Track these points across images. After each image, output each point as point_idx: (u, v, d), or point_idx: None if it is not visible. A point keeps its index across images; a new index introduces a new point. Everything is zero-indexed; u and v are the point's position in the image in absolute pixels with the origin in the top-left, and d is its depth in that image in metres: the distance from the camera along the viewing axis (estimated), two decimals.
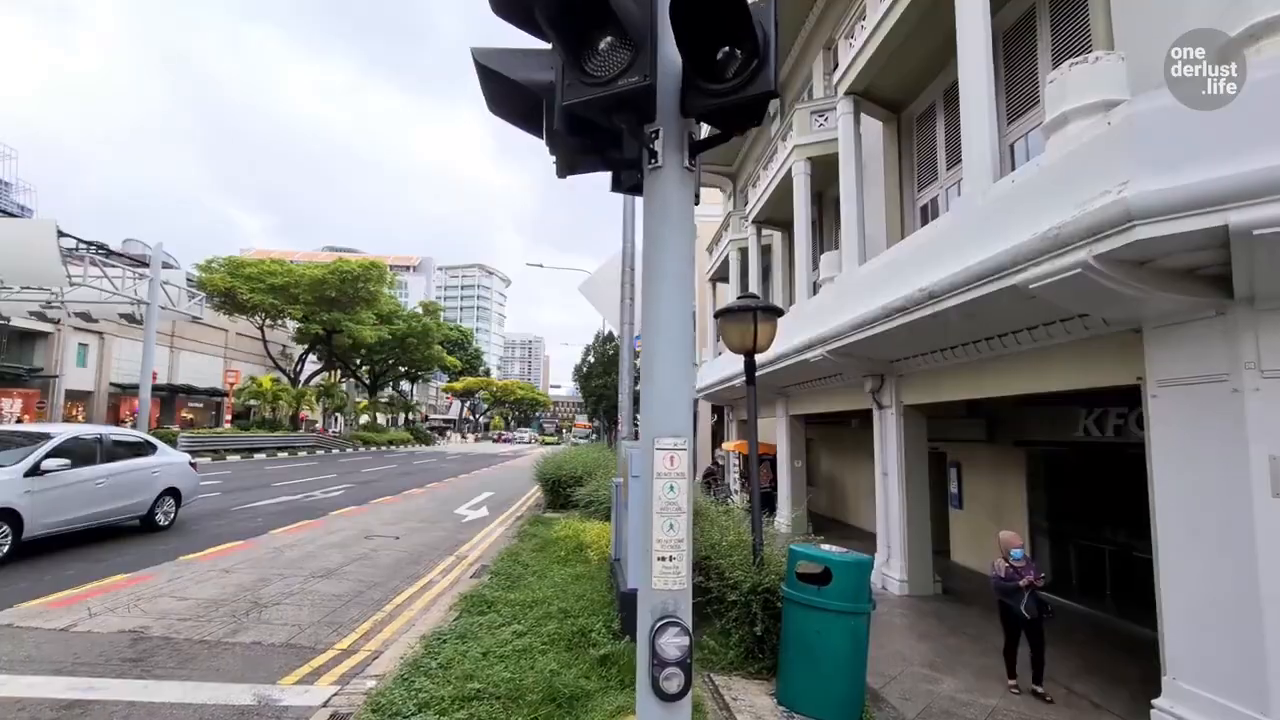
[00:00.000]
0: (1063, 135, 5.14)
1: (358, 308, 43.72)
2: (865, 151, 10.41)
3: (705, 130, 2.49)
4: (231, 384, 40.88)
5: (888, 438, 9.76)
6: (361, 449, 44.05)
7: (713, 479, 17.78)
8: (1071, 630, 7.70)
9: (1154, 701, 5.10)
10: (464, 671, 4.64)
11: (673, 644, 2.02)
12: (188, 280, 32.89)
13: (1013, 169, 7.11)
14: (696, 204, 2.31)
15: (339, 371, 52.93)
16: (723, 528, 7.10)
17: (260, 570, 8.45)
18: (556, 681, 4.53)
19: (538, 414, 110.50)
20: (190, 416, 41.57)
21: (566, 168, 2.20)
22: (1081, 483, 9.52)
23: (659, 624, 2.05)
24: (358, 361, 52.71)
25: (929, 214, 9.64)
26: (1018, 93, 7.71)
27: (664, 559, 2.11)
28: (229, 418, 40.63)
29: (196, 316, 29.72)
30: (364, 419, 57.63)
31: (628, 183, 2.35)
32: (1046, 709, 5.57)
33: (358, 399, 58.07)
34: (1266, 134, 3.83)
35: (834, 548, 5.24)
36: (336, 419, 56.00)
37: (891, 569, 9.43)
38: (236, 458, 30.32)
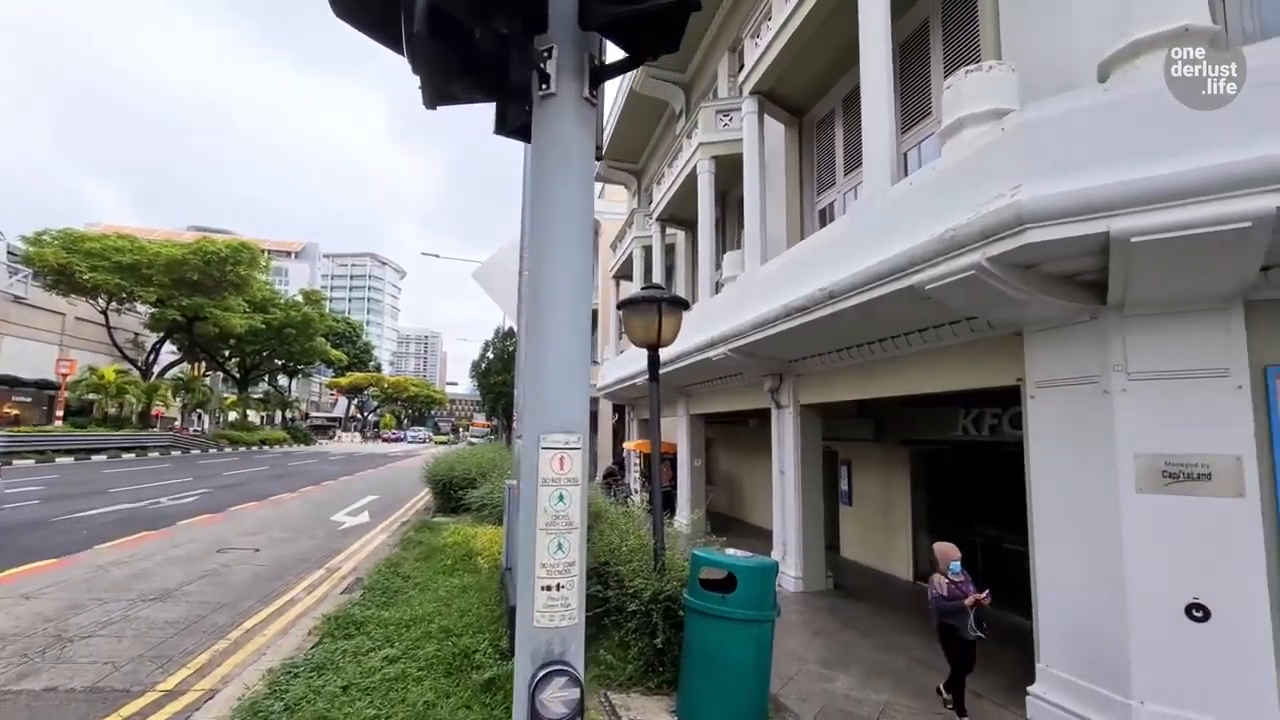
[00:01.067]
0: (958, 141, 5.24)
1: (225, 293, 39.59)
2: (768, 153, 10.48)
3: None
4: (64, 375, 35.55)
5: (785, 437, 9.87)
6: (228, 449, 39.96)
7: (613, 479, 17.49)
8: None
9: (1029, 689, 5.32)
10: (316, 713, 3.97)
11: (559, 700, 1.60)
12: (9, 254, 28.25)
13: (906, 176, 7.30)
14: (599, 158, 1.91)
15: (203, 364, 47.76)
16: (623, 531, 6.77)
17: (73, 594, 7.12)
18: (431, 716, 3.98)
19: (433, 412, 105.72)
20: (15, 412, 35.79)
21: (435, 94, 1.73)
22: (959, 480, 10.08)
23: (541, 673, 1.63)
24: (226, 353, 47.81)
25: (827, 217, 9.84)
26: (911, 103, 7.96)
27: (550, 588, 1.69)
28: (59, 414, 35.35)
29: (19, 296, 25.56)
30: (232, 416, 52.40)
31: (516, 122, 1.91)
32: (934, 700, 5.68)
33: (225, 394, 52.72)
34: (1143, 146, 4.00)
35: (738, 552, 5.04)
36: (199, 416, 50.51)
37: (787, 566, 9.53)
38: (69, 459, 26.41)
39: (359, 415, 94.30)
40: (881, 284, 5.71)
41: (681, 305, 5.78)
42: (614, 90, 19.79)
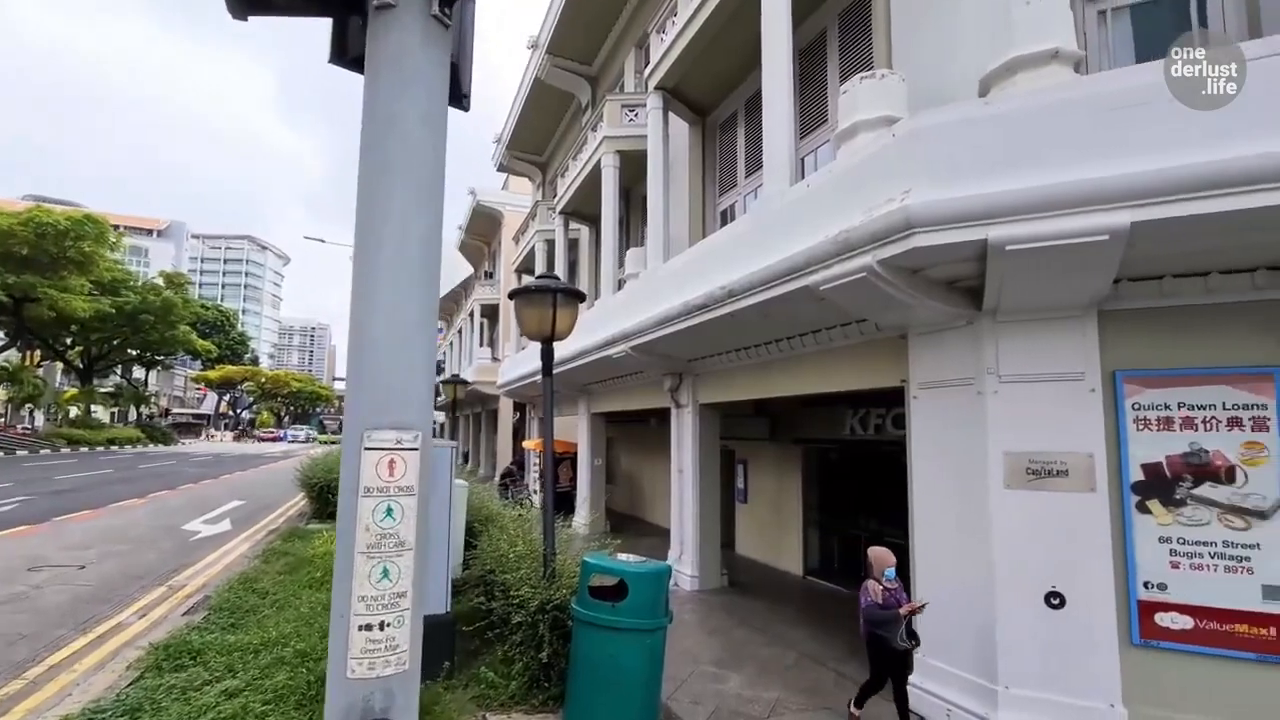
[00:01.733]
0: (852, 145, 5.34)
1: (65, 272, 34.74)
2: (673, 151, 10.44)
3: None
4: None
5: (684, 436, 9.86)
6: (66, 450, 35.07)
7: (511, 480, 16.92)
8: (838, 613, 8.34)
9: (909, 678, 5.52)
10: None
11: None
12: None
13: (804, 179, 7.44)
14: (465, 106, 1.61)
15: (36, 352, 41.72)
16: (513, 536, 6.42)
17: None
18: None
19: (319, 409, 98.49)
20: None
21: (246, 1, 1.37)
22: (845, 477, 10.51)
23: None
24: (67, 340, 42.02)
25: (729, 218, 9.93)
26: (810, 110, 8.15)
27: (370, 627, 1.36)
28: None
29: None
30: (74, 412, 46.17)
31: (357, 48, 1.55)
32: (826, 695, 5.78)
33: (66, 387, 46.38)
34: (1020, 159, 4.20)
35: (631, 557, 4.85)
36: (30, 412, 44.08)
37: (684, 565, 9.51)
38: None
39: (231, 412, 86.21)
40: (780, 283, 5.73)
41: (577, 297, 5.52)
42: (519, 79, 19.18)
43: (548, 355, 5.50)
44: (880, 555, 4.99)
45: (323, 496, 12.78)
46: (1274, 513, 4.29)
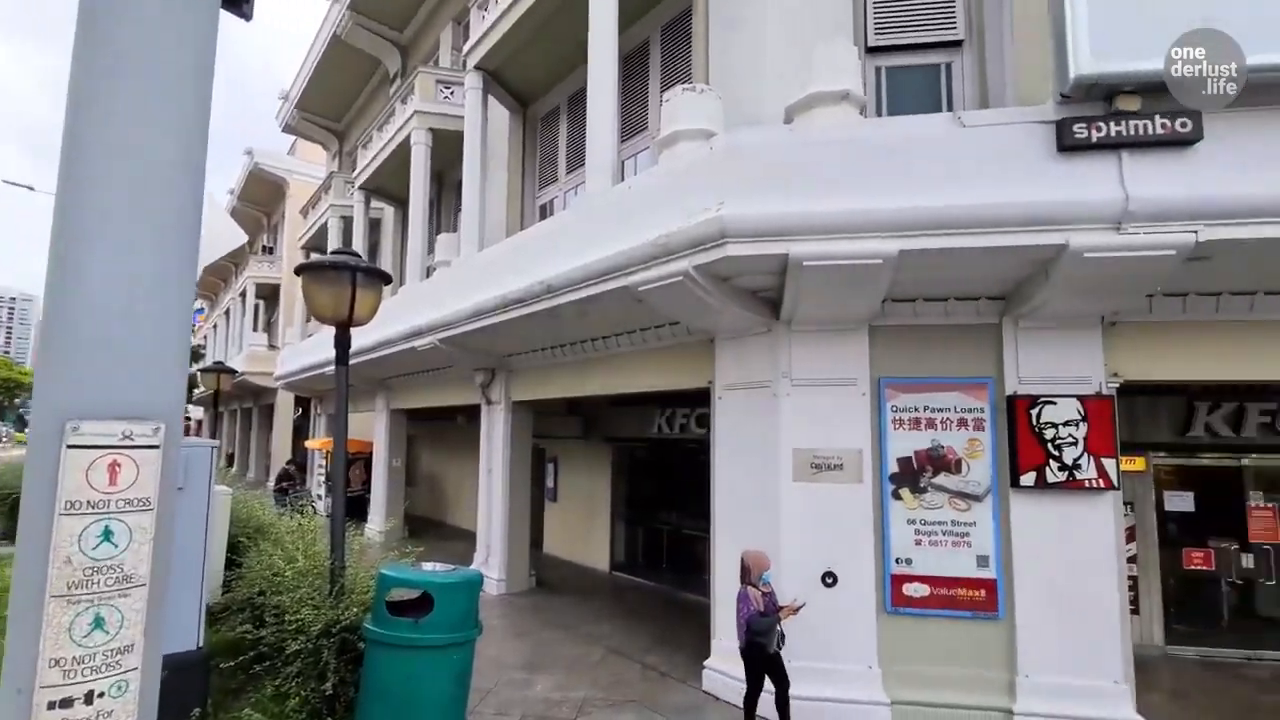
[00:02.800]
0: (673, 152, 5.50)
1: None
2: (492, 137, 9.98)
3: None
4: None
5: (495, 434, 9.49)
6: None
7: (289, 484, 14.92)
8: (642, 605, 8.62)
9: (705, 662, 5.86)
10: None
11: None
12: None
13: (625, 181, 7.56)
14: (246, 14, 1.25)
15: None
16: (291, 550, 5.58)
17: None
18: None
19: (19, 401, 78.26)
20: None
21: None
22: (651, 474, 10.96)
23: None
24: None
25: (548, 213, 9.75)
26: (630, 116, 8.30)
27: (70, 702, 0.96)
28: None
29: None
30: None
31: None
32: (632, 688, 5.88)
33: None
34: (818, 183, 4.65)
35: (437, 566, 4.47)
36: None
37: (491, 568, 9.14)
38: None
39: None
40: (600, 282, 5.72)
41: (382, 279, 4.96)
42: (314, 32, 16.98)
43: (343, 343, 4.86)
44: (758, 559, 4.76)
45: (13, 513, 10.04)
46: (986, 496, 5.29)
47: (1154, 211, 4.24)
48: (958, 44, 6.11)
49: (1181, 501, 7.22)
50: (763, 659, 4.62)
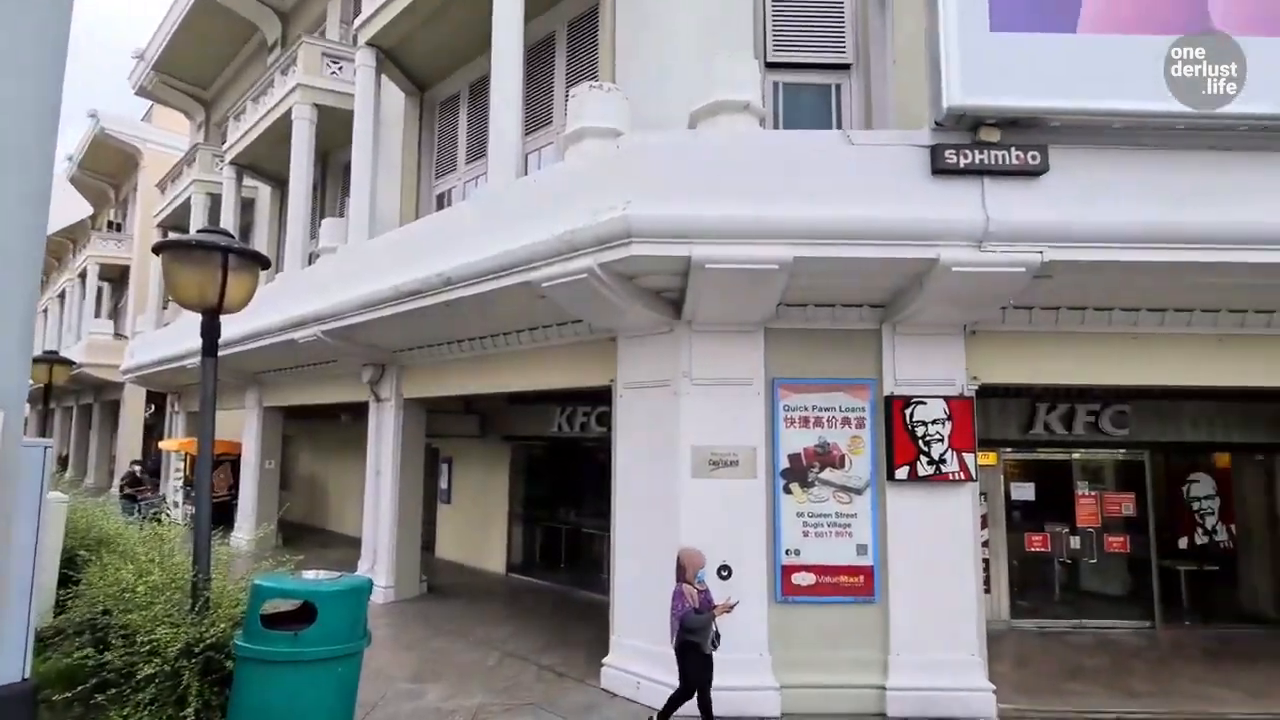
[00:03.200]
0: (580, 149, 5.47)
1: None
2: (385, 120, 9.45)
3: None
4: None
5: (384, 433, 8.99)
6: None
7: (137, 489, 13.33)
8: (540, 606, 8.51)
9: (604, 660, 5.87)
10: None
11: None
12: None
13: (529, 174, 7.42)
14: None
15: None
16: (143, 563, 4.97)
17: None
18: None
19: None
20: None
21: None
22: (550, 473, 10.85)
23: None
24: None
25: (446, 203, 9.38)
26: (535, 109, 8.15)
27: None
28: None
29: None
30: None
31: None
32: (528, 691, 5.77)
33: None
34: (721, 188, 4.79)
35: (321, 574, 4.16)
36: None
37: (378, 575, 8.63)
38: None
39: None
40: (501, 276, 5.57)
41: (259, 262, 4.54)
42: None
43: (212, 332, 4.39)
44: (693, 557, 4.69)
45: None
46: (866, 489, 5.69)
47: (1009, 233, 4.76)
48: (847, 67, 6.53)
49: (1024, 491, 8.15)
50: (697, 657, 4.55)
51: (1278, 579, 8.02)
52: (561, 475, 10.58)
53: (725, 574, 5.49)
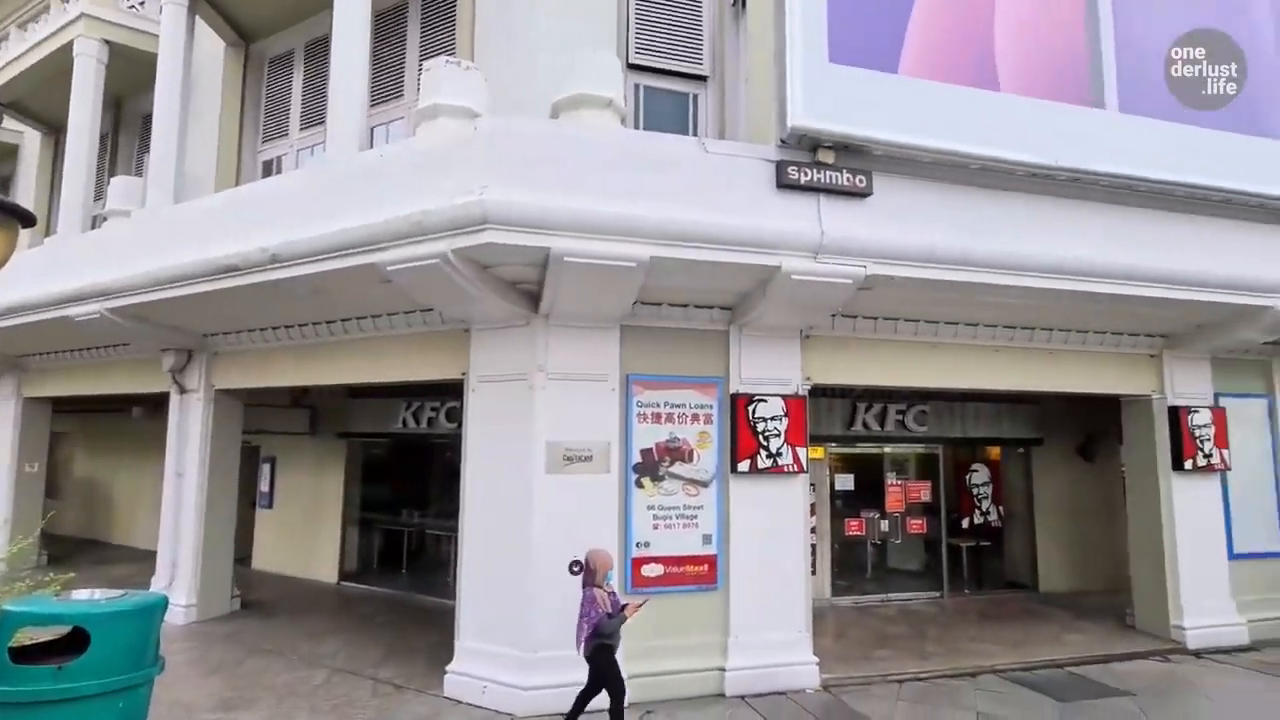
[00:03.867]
0: (434, 126, 5.14)
1: None
2: (200, 70, 8.25)
3: None
4: None
5: (189, 429, 7.82)
6: None
7: None
8: (379, 615, 7.89)
9: (447, 667, 5.58)
10: None
11: None
12: None
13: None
14: None
15: None
16: None
17: None
18: None
19: None
20: None
21: None
22: (392, 472, 10.15)
23: None
24: None
25: (274, 172, 8.39)
26: (382, 80, 7.56)
27: None
28: None
29: None
30: None
31: None
32: (355, 709, 5.31)
33: None
34: (583, 182, 4.77)
35: (100, 593, 3.52)
36: None
37: (176, 593, 7.48)
38: None
39: None
40: (342, 256, 5.08)
41: (20, 218, 3.69)
42: None
43: None
44: (603, 558, 4.61)
45: None
46: (711, 482, 5.98)
47: (840, 247, 5.25)
48: (704, 79, 6.83)
49: (845, 482, 9.08)
50: (608, 659, 4.47)
51: (1032, 551, 9.70)
52: (406, 474, 9.94)
53: (576, 569, 5.46)
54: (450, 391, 8.37)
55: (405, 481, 9.92)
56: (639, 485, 5.80)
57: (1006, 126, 5.63)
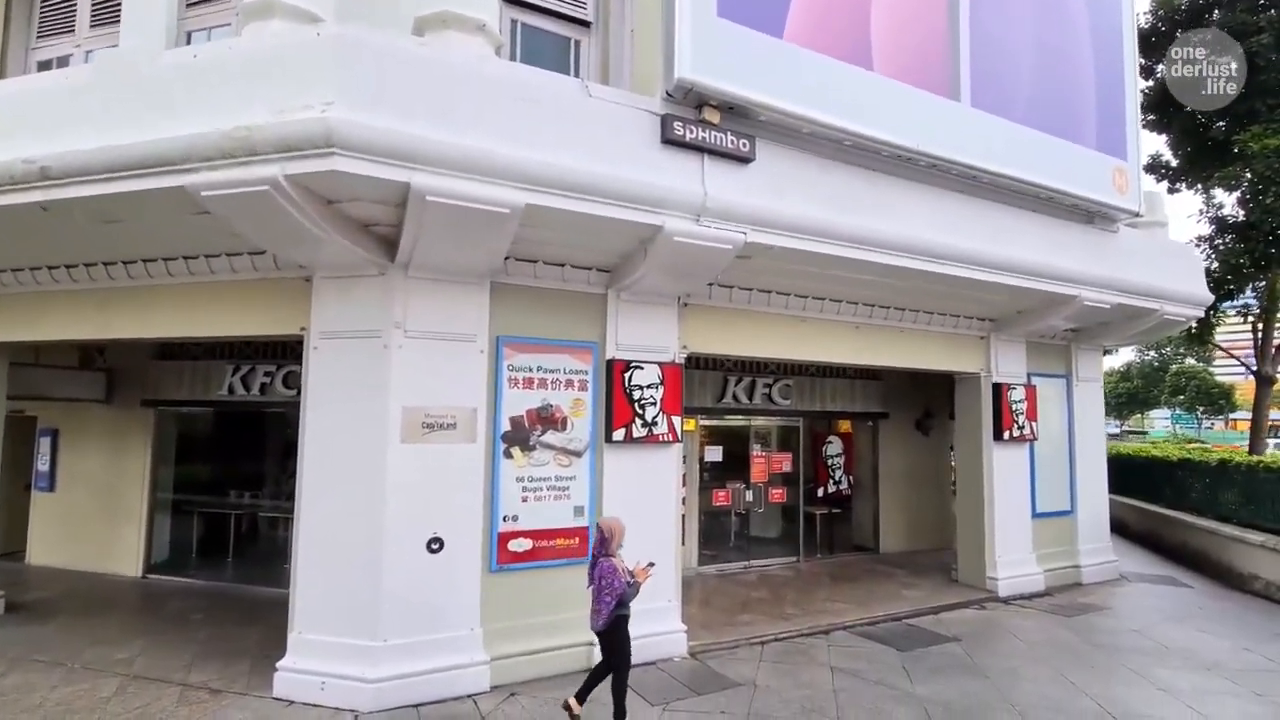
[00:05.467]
0: (265, 26, 4.29)
1: None
2: None
3: None
4: None
5: None
6: None
7: None
8: (194, 612, 6.79)
9: (278, 664, 4.86)
10: None
11: None
12: None
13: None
14: None
15: None
16: None
17: None
18: None
19: None
20: None
21: None
22: (215, 448, 8.82)
23: None
24: None
25: None
26: None
27: None
28: None
29: None
30: None
31: None
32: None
33: None
34: (451, 112, 4.21)
35: None
36: None
37: None
38: None
39: None
40: (140, 175, 4.11)
41: None
42: None
43: None
44: (618, 525, 4.32)
45: None
46: (585, 451, 5.71)
47: (722, 211, 5.15)
48: (588, 25, 6.42)
49: (714, 453, 9.23)
50: (623, 633, 4.30)
51: (875, 516, 10.53)
52: (233, 450, 8.68)
53: (436, 547, 4.99)
54: (291, 354, 7.37)
55: (233, 458, 8.65)
56: (508, 455, 5.39)
57: (878, 106, 5.82)
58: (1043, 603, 8.06)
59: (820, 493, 10.14)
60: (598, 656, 5.48)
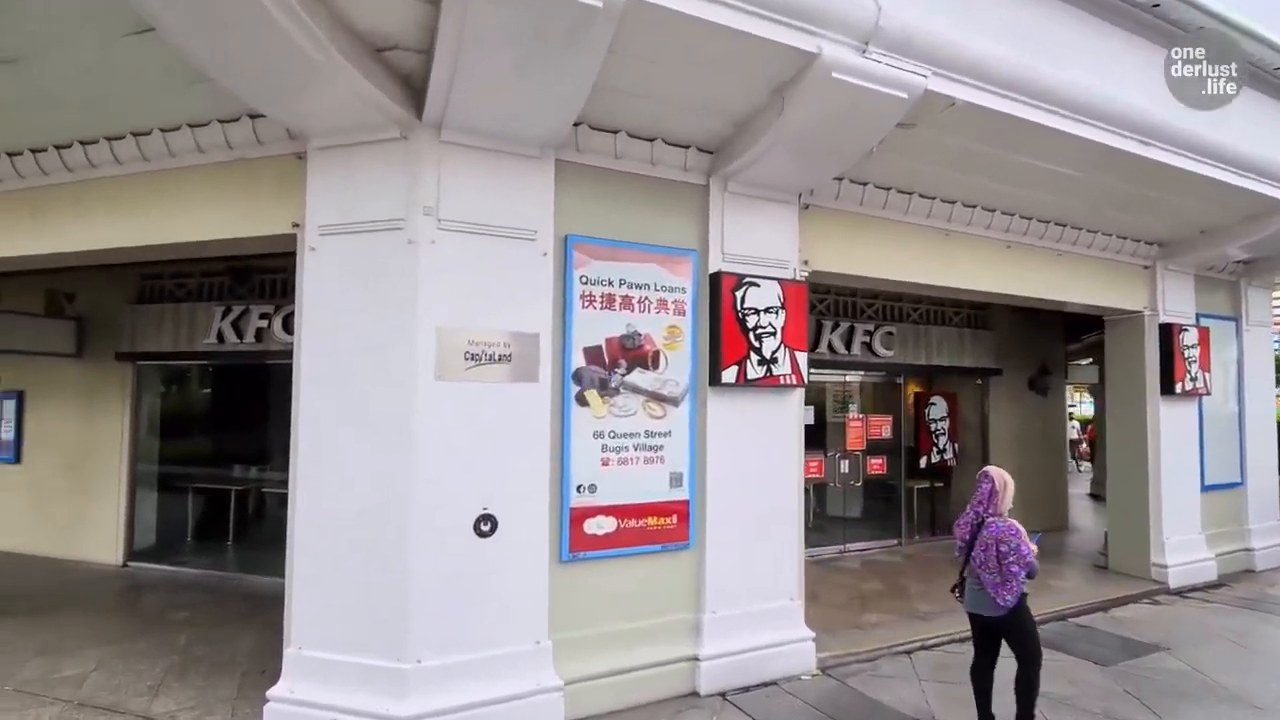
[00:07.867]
0: None
1: None
2: None
3: None
4: None
5: None
6: None
7: None
8: (181, 610, 5.41)
9: (269, 692, 3.42)
10: None
11: None
12: None
13: None
14: None
15: None
16: None
17: None
18: None
19: None
20: None
21: None
22: (208, 409, 7.46)
23: None
24: None
25: None
26: None
27: None
28: None
29: None
30: None
31: None
32: None
33: None
34: None
35: None
36: None
37: None
38: None
39: None
40: None
41: None
42: None
43: None
44: (1007, 477, 3.58)
45: None
46: (683, 398, 4.17)
47: (899, 38, 3.51)
48: None
49: (805, 416, 7.63)
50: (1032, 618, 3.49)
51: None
52: (229, 412, 7.31)
53: (486, 528, 3.49)
54: (291, 292, 5.89)
55: (230, 423, 7.29)
56: (582, 401, 3.87)
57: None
58: (1224, 594, 6.46)
59: (923, 463, 8.52)
60: (704, 676, 4.03)
